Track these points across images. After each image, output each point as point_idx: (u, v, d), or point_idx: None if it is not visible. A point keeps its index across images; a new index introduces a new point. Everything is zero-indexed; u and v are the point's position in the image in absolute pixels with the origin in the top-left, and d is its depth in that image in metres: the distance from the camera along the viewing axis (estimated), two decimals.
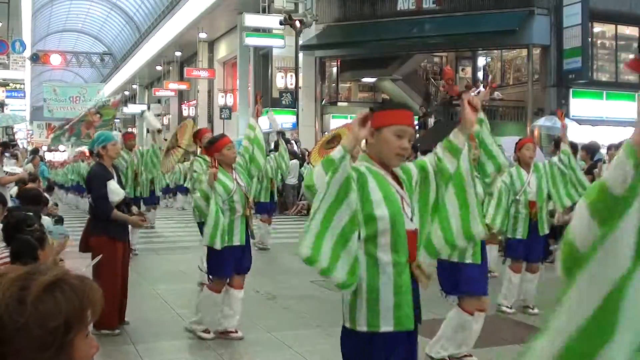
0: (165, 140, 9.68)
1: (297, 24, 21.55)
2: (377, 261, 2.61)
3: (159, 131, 9.82)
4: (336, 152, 2.47)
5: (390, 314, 2.61)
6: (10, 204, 6.71)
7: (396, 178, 2.73)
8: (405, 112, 2.77)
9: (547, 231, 6.47)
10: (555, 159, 6.49)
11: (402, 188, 2.70)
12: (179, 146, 8.48)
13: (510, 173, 6.26)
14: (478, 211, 2.94)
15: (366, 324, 2.63)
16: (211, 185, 5.27)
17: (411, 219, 2.69)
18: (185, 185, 16.18)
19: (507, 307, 6.38)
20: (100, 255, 4.96)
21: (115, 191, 5.63)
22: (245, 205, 5.46)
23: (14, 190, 8.68)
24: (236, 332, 5.55)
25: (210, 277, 5.56)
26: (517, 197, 6.23)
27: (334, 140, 7.33)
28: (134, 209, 6.03)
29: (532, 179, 6.27)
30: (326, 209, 2.45)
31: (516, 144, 6.51)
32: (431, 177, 2.82)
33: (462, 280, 4.58)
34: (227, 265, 5.42)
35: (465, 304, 4.62)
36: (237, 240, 5.41)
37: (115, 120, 55.09)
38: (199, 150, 7.80)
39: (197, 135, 7.83)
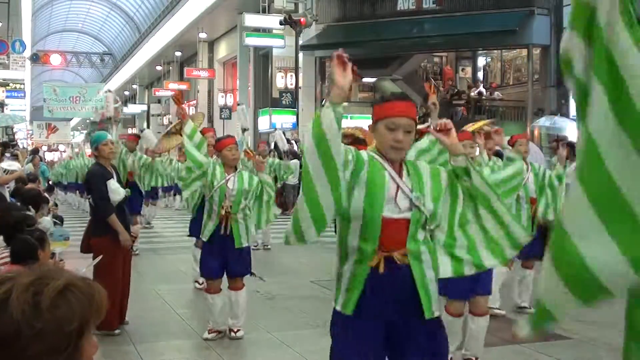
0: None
1: (301, 21, 21.52)
2: (346, 244, 2.67)
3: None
4: (326, 111, 2.46)
5: (343, 294, 2.69)
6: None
7: (399, 166, 2.69)
8: (396, 104, 2.69)
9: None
10: (554, 172, 6.42)
11: (400, 176, 2.66)
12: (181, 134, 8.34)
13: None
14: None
15: (333, 299, 2.75)
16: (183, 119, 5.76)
17: (410, 208, 2.62)
18: None
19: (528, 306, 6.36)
20: (101, 256, 4.97)
21: (116, 190, 5.61)
22: (220, 208, 5.43)
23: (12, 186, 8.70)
24: (235, 332, 5.55)
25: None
26: (519, 192, 6.12)
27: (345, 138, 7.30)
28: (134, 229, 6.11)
29: (531, 176, 6.22)
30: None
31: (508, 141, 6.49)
32: (456, 187, 2.76)
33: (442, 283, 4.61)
34: (209, 264, 5.48)
35: (447, 305, 4.65)
36: (205, 236, 5.50)
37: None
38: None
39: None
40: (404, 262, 2.61)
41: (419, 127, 2.98)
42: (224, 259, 5.46)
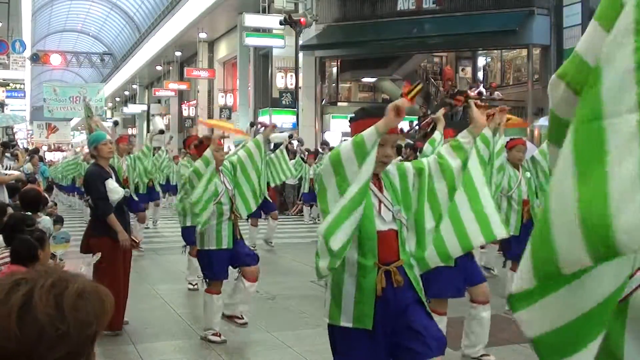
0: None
1: (301, 21, 21.50)
2: (344, 258, 2.71)
3: (162, 132, 9.81)
4: (369, 135, 2.58)
5: (350, 310, 2.72)
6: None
7: (378, 181, 2.82)
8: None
9: None
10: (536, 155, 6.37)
11: (381, 191, 2.80)
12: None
13: (503, 170, 6.14)
14: (496, 210, 3.00)
15: (328, 315, 2.79)
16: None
17: (393, 218, 2.77)
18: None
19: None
20: (99, 254, 4.99)
21: (114, 190, 5.63)
22: (231, 209, 5.45)
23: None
24: (242, 317, 5.56)
25: (207, 280, 5.56)
26: (510, 194, 6.12)
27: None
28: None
29: (523, 180, 6.20)
30: (347, 206, 2.61)
31: (507, 143, 6.18)
32: (424, 177, 2.87)
33: (429, 281, 4.58)
34: (220, 268, 5.43)
35: (433, 304, 4.59)
36: (225, 243, 5.42)
37: (116, 120, 55.26)
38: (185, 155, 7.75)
39: (185, 143, 7.90)
40: (399, 282, 2.73)
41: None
42: (233, 257, 5.46)
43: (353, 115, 2.93)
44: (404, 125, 23.43)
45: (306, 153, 17.99)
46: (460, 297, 4.73)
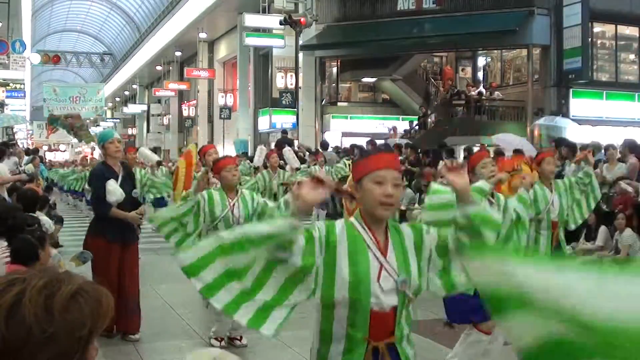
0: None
1: (301, 21, 21.50)
2: (330, 331, 2.45)
3: (159, 163, 9.71)
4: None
5: None
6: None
7: (385, 239, 2.43)
8: (381, 156, 2.48)
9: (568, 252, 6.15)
10: (574, 178, 6.12)
11: (385, 254, 2.40)
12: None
13: (534, 190, 5.75)
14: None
15: None
16: (198, 191, 5.09)
17: (395, 291, 2.37)
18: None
19: None
20: (90, 253, 5.01)
21: (112, 191, 5.45)
22: None
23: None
24: (240, 339, 5.49)
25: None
26: (540, 217, 5.70)
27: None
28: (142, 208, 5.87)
29: (555, 198, 5.79)
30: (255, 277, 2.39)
31: (534, 157, 5.97)
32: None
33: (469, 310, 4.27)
34: None
35: (479, 325, 4.43)
36: None
37: (115, 120, 55.24)
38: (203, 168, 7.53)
39: (200, 152, 7.69)
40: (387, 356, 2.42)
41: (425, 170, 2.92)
42: None
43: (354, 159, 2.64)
44: (404, 125, 23.47)
45: (307, 153, 17.97)
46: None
